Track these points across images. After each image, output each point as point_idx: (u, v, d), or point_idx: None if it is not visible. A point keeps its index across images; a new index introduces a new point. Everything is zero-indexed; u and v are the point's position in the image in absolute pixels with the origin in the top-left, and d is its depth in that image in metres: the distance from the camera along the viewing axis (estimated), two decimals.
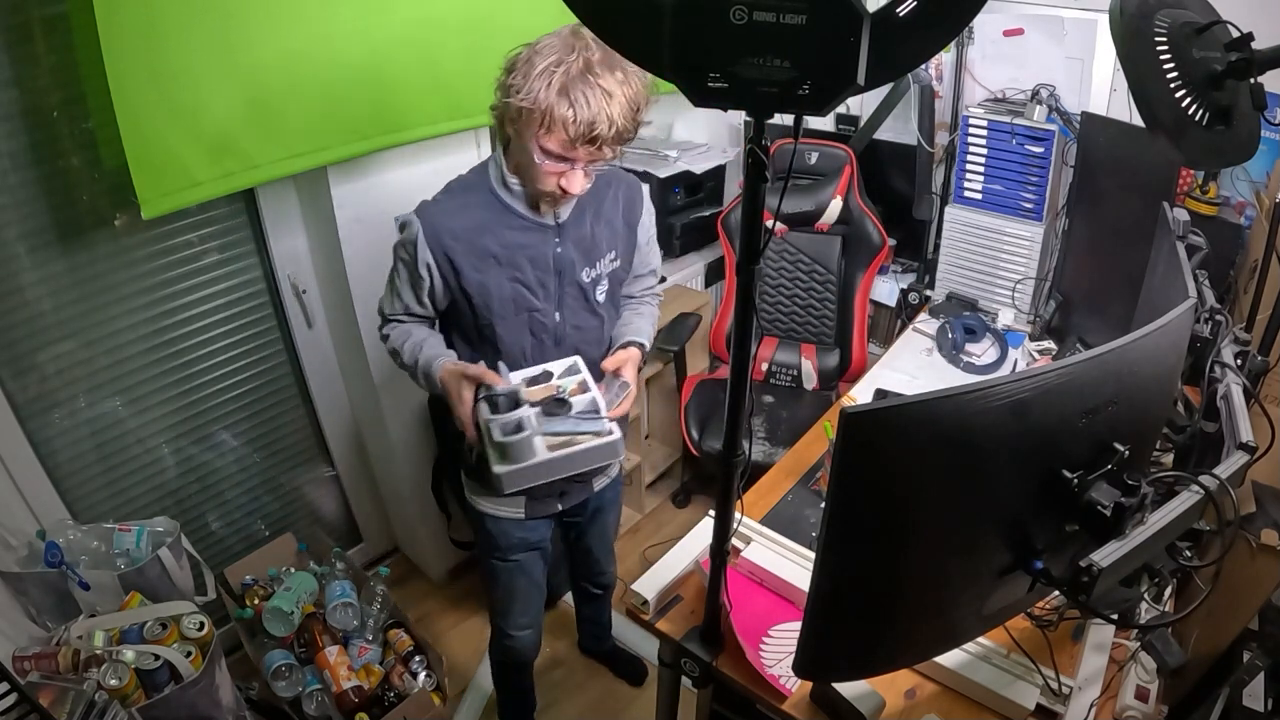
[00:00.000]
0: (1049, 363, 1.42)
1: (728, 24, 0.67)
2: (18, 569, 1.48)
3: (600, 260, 1.40)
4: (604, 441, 1.26)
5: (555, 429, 1.27)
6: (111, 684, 1.27)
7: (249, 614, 1.82)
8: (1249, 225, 1.89)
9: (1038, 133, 2.07)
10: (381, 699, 1.79)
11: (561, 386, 1.35)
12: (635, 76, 1.18)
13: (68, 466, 1.74)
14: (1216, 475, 0.90)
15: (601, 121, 1.15)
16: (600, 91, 1.14)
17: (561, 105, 1.14)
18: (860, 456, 0.73)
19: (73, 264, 1.62)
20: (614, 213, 1.42)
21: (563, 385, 1.36)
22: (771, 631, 1.26)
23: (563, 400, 1.30)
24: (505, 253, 1.31)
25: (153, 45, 1.43)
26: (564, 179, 1.23)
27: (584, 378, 1.37)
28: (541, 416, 1.28)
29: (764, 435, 2.34)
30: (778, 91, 0.69)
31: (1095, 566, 0.79)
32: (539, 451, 1.24)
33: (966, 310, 2.29)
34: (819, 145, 2.48)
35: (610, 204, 1.41)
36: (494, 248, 1.30)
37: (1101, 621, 1.15)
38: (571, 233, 1.35)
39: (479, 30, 1.91)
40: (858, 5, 0.67)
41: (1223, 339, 1.12)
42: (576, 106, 1.13)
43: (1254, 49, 0.96)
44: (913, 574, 0.85)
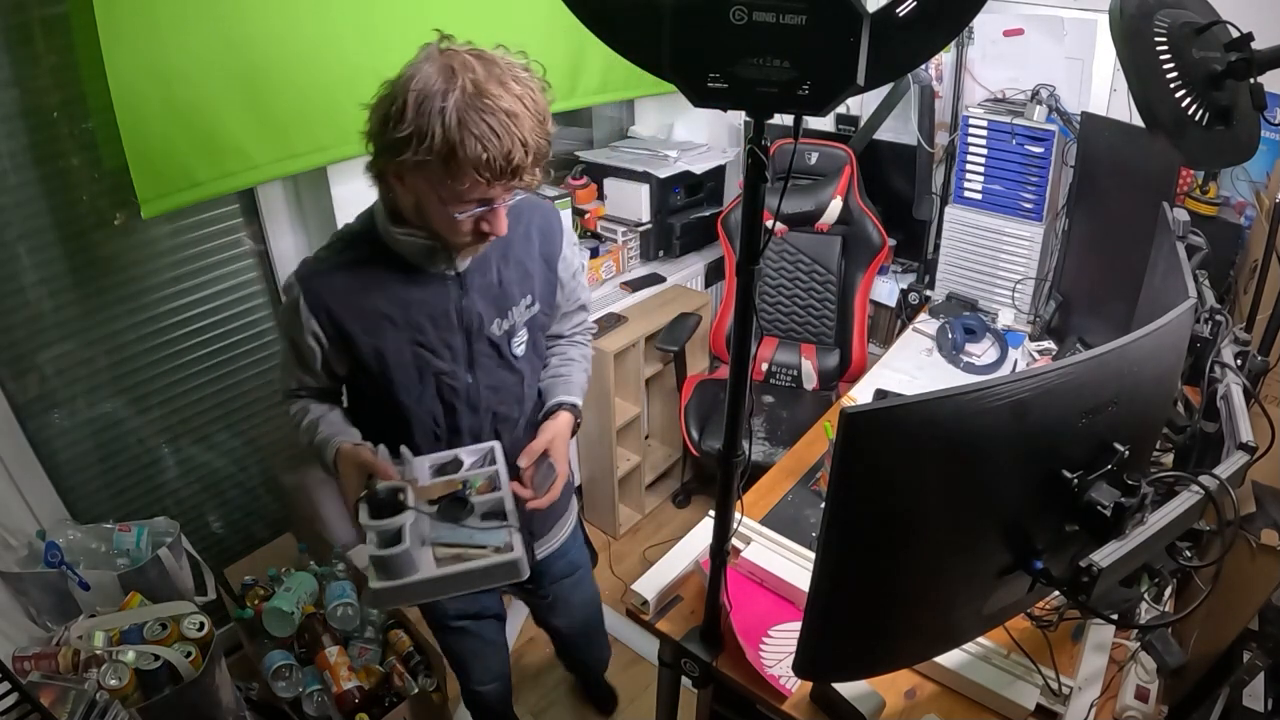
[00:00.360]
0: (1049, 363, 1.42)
1: (727, 24, 0.67)
2: (18, 569, 1.48)
3: (513, 309, 1.23)
4: (501, 560, 1.06)
5: (448, 539, 1.08)
6: (111, 684, 1.27)
7: (249, 614, 1.82)
8: (1249, 225, 1.89)
9: (1038, 133, 2.07)
10: (381, 699, 1.79)
11: (468, 481, 1.17)
12: (528, 81, 1.01)
13: (68, 466, 1.74)
14: (1216, 475, 0.90)
15: (516, 148, 0.98)
16: (503, 114, 0.96)
17: (467, 144, 0.95)
18: (860, 456, 0.73)
19: (73, 264, 1.62)
20: (527, 251, 1.24)
21: (470, 479, 1.17)
22: (771, 632, 1.26)
23: (463, 501, 1.11)
24: (400, 312, 1.14)
25: (153, 45, 1.43)
26: (485, 223, 1.07)
27: (497, 471, 1.18)
28: (436, 520, 1.09)
29: (764, 435, 2.34)
30: (777, 92, 0.69)
31: (1095, 567, 0.79)
32: (422, 566, 1.05)
33: (966, 310, 2.29)
34: (819, 145, 2.48)
35: (521, 242, 1.23)
36: (386, 307, 1.13)
37: (1101, 621, 1.15)
38: (475, 282, 1.18)
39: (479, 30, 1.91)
40: (857, 5, 0.67)
41: (1223, 339, 1.12)
42: (484, 140, 0.95)
43: (1254, 49, 0.96)
44: (913, 574, 0.85)
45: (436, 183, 1.01)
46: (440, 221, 1.06)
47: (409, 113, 0.95)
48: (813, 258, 2.49)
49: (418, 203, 1.06)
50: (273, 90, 1.61)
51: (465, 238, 1.09)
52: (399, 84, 0.98)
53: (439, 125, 0.94)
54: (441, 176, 0.99)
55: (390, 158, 1.00)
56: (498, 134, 0.96)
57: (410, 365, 1.17)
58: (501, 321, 1.22)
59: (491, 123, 0.95)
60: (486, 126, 0.95)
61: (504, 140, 0.96)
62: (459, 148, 0.95)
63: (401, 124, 0.96)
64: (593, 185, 2.68)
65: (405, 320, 1.14)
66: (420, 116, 0.95)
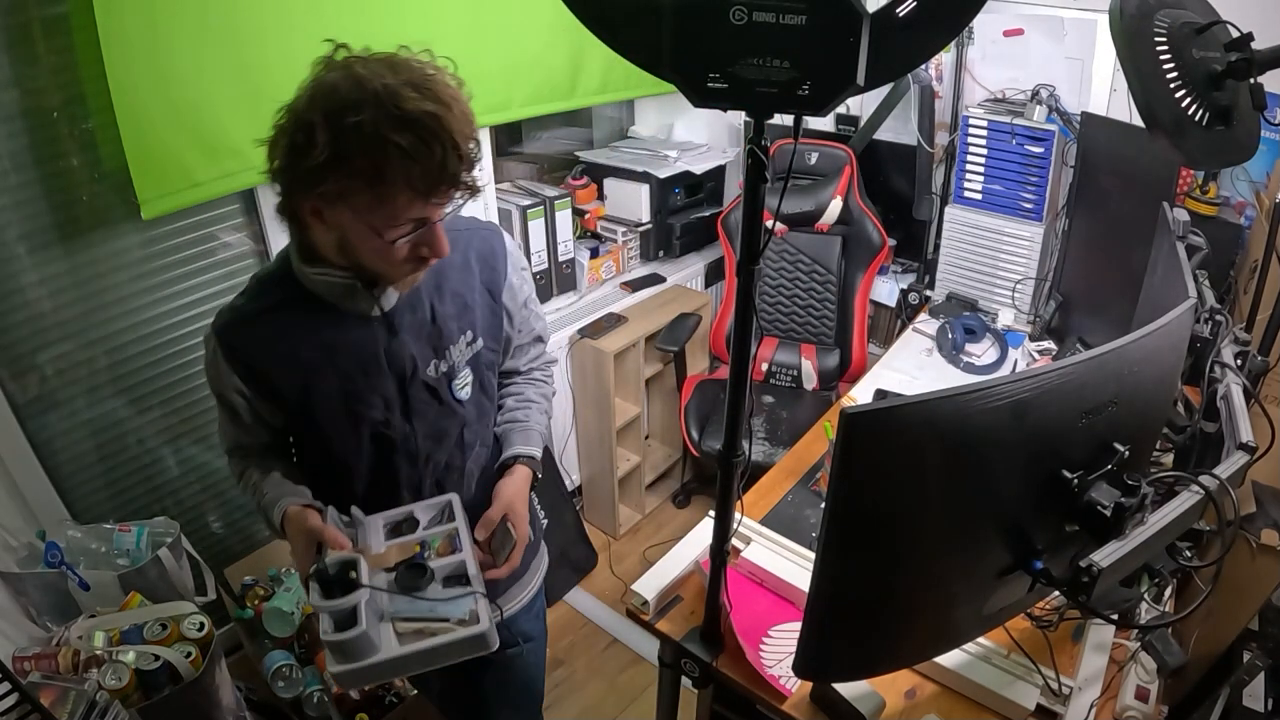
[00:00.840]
0: (1049, 363, 1.42)
1: (727, 24, 0.67)
2: (18, 569, 1.48)
3: (451, 348, 1.10)
4: (467, 634, 0.97)
5: (408, 613, 0.99)
6: (111, 684, 1.27)
7: (249, 614, 1.81)
8: (1249, 225, 1.89)
9: (1038, 133, 2.07)
10: (381, 700, 1.78)
11: (426, 542, 1.07)
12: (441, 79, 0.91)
13: (68, 466, 1.74)
14: (1216, 475, 0.90)
15: (448, 153, 0.87)
16: (426, 118, 0.85)
17: (394, 159, 0.84)
18: (860, 456, 0.73)
19: (73, 264, 1.62)
20: (465, 282, 1.11)
21: (429, 539, 1.08)
22: (771, 632, 1.26)
23: (421, 567, 1.01)
24: (324, 358, 1.03)
25: (153, 45, 1.43)
26: (425, 246, 0.95)
27: (456, 529, 1.09)
28: (393, 589, 1.00)
29: (764, 435, 2.34)
30: (777, 92, 0.70)
31: (1095, 567, 0.79)
32: (383, 645, 0.95)
33: (966, 310, 2.29)
34: (819, 145, 2.48)
35: (459, 271, 1.10)
36: (309, 355, 1.02)
37: (1101, 622, 1.15)
38: (405, 320, 1.05)
39: (479, 31, 1.91)
40: (857, 5, 0.67)
41: (1223, 339, 1.12)
42: (414, 151, 0.85)
43: (1254, 49, 0.96)
44: (913, 574, 0.85)
45: (365, 210, 0.89)
46: (373, 253, 0.94)
47: (320, 135, 0.84)
48: (813, 258, 2.49)
49: (342, 239, 0.94)
50: (273, 91, 1.59)
51: (404, 267, 0.97)
52: (301, 106, 0.87)
53: (358, 142, 0.83)
54: (370, 202, 0.88)
55: (307, 192, 0.89)
56: (424, 141, 0.85)
57: (341, 415, 1.06)
58: (438, 363, 1.10)
59: (417, 129, 0.85)
60: (411, 135, 0.85)
61: (432, 147, 0.86)
62: (387, 164, 0.85)
63: (314, 150, 0.84)
64: (593, 185, 2.68)
65: (331, 367, 1.03)
66: (335, 137, 0.84)
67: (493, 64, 1.98)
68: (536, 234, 2.37)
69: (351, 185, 0.87)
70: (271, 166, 0.92)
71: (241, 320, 1.03)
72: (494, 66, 1.99)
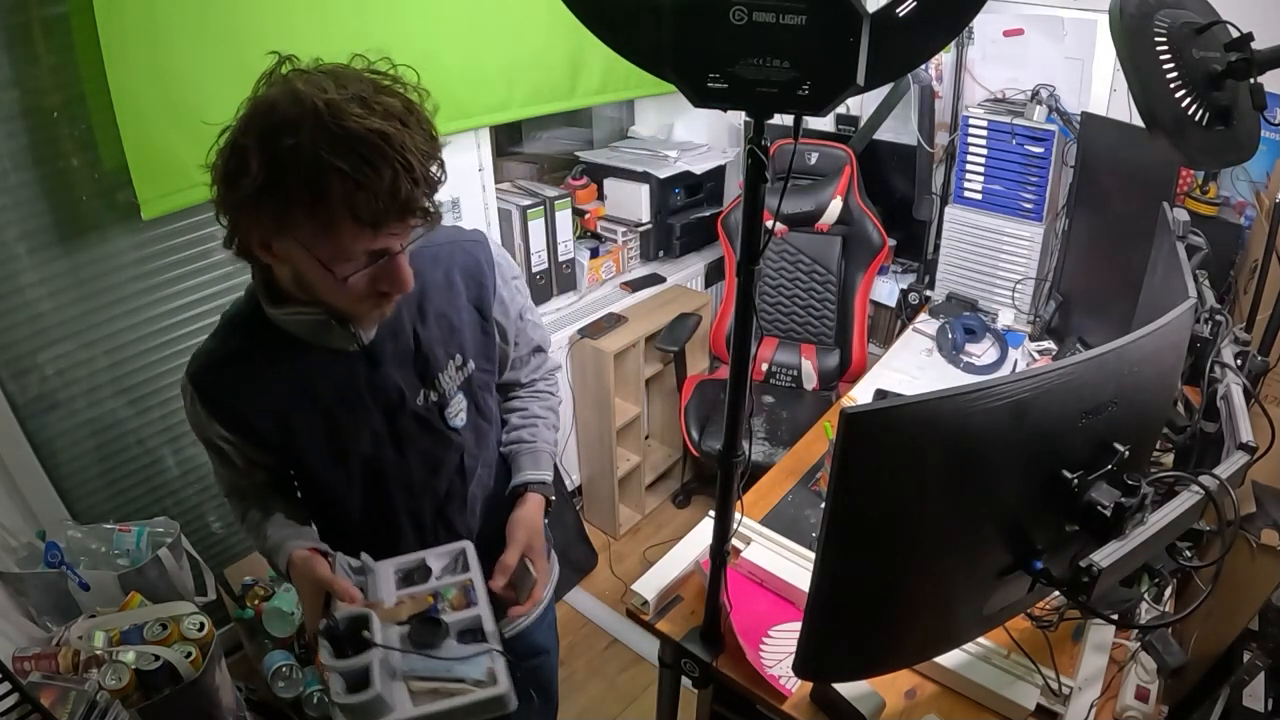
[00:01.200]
0: (1049, 363, 1.42)
1: (727, 24, 0.67)
2: (18, 569, 1.48)
3: (440, 375, 1.03)
4: (485, 696, 0.91)
5: (422, 671, 0.93)
6: (111, 684, 1.27)
7: (249, 615, 1.81)
8: (1249, 225, 1.89)
9: (1038, 133, 2.07)
10: None
11: (440, 593, 1.01)
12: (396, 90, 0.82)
13: (68, 467, 1.74)
14: (1216, 475, 0.90)
15: (400, 176, 0.77)
16: (373, 135, 0.76)
17: (333, 184, 0.75)
18: (860, 457, 0.73)
19: (73, 264, 1.62)
20: (450, 301, 1.02)
21: (442, 591, 1.02)
22: (771, 632, 1.26)
23: (436, 621, 0.96)
24: (304, 397, 0.97)
25: (153, 46, 1.43)
26: (384, 281, 0.86)
27: (470, 579, 1.03)
28: (407, 646, 0.94)
29: (764, 435, 2.34)
30: (777, 92, 0.70)
31: (1095, 567, 0.79)
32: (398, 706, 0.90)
33: (966, 310, 2.29)
34: (819, 145, 2.48)
35: (441, 291, 1.02)
36: (289, 395, 0.96)
37: (1101, 622, 1.15)
38: (387, 351, 0.98)
39: (479, 31, 1.91)
40: (857, 5, 0.67)
41: (1223, 339, 1.12)
42: (356, 174, 0.75)
43: (1254, 49, 0.96)
44: (913, 574, 0.85)
45: (309, 242, 0.80)
46: (327, 290, 0.86)
47: (254, 160, 0.75)
48: (813, 258, 2.49)
49: (295, 273, 0.87)
50: None
51: (363, 304, 0.89)
52: (237, 128, 0.79)
53: (295, 170, 0.74)
54: (313, 233, 0.79)
55: (246, 221, 0.81)
56: (370, 162, 0.75)
57: (327, 452, 1.00)
58: (427, 392, 1.02)
59: (361, 150, 0.75)
60: (354, 157, 0.75)
61: (381, 169, 0.76)
62: (325, 191, 0.75)
63: (246, 175, 0.76)
64: (593, 185, 2.68)
65: (311, 405, 0.97)
66: (269, 162, 0.75)
67: (492, 64, 1.98)
68: (536, 234, 2.37)
69: (290, 215, 0.78)
70: (214, 195, 0.83)
71: (214, 364, 0.96)
72: (494, 66, 1.99)
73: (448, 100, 1.83)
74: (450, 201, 2.09)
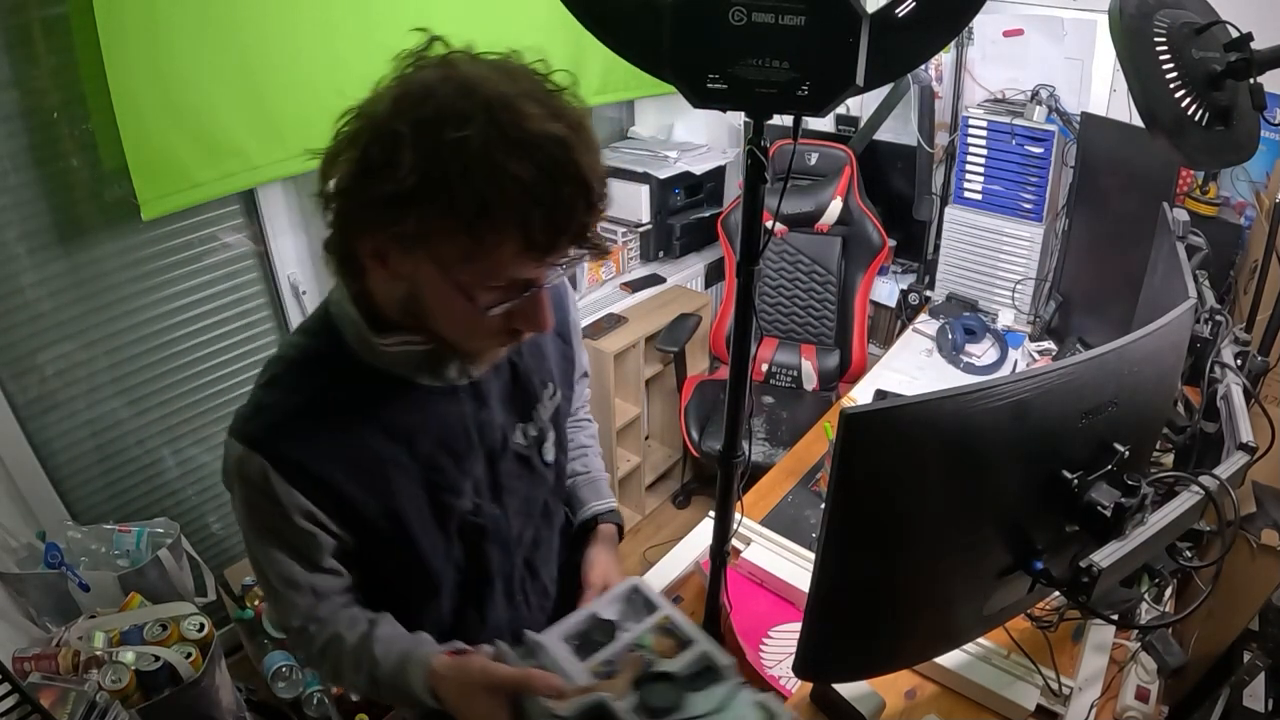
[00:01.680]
0: (1049, 363, 1.42)
1: (727, 25, 0.67)
2: (18, 570, 1.48)
3: (538, 407, 0.91)
4: None
5: None
6: (111, 685, 1.27)
7: (249, 615, 1.81)
8: (1249, 225, 1.89)
9: (1037, 133, 2.07)
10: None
11: (640, 647, 0.83)
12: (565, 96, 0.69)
13: (68, 467, 1.74)
14: (1216, 475, 0.90)
15: (577, 196, 0.64)
16: (552, 145, 0.62)
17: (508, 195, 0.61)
18: (860, 457, 0.73)
19: (73, 264, 1.62)
20: None
21: (640, 642, 0.84)
22: (771, 632, 1.26)
23: (664, 677, 0.78)
24: (404, 448, 0.79)
25: (153, 46, 1.44)
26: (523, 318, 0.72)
27: (668, 617, 0.85)
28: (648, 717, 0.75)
29: (764, 436, 2.34)
30: (776, 92, 0.70)
31: (1095, 567, 0.79)
32: None
33: (966, 311, 2.29)
34: (819, 146, 2.48)
35: None
36: (384, 447, 0.78)
37: (1102, 622, 1.15)
38: (491, 385, 0.85)
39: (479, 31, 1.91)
40: (856, 6, 0.67)
41: (1223, 339, 1.12)
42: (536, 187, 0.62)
43: (1253, 49, 0.96)
44: (913, 575, 0.85)
45: (451, 260, 0.66)
46: (453, 319, 0.72)
47: (406, 153, 0.61)
48: (813, 258, 2.49)
49: (411, 295, 0.71)
50: (272, 91, 1.61)
51: (489, 340, 0.76)
52: (381, 110, 0.64)
53: (460, 167, 0.60)
54: (464, 251, 0.64)
55: (376, 227, 0.66)
56: (550, 175, 0.62)
57: (429, 517, 0.82)
58: (526, 427, 0.89)
59: (541, 159, 0.61)
60: (534, 166, 0.61)
61: (561, 184, 0.62)
62: (496, 202, 0.61)
63: (395, 171, 0.61)
64: None
65: (413, 458, 0.79)
66: (427, 157, 0.61)
67: None
68: None
69: (442, 226, 0.63)
70: (325, 188, 0.68)
71: (285, 420, 0.75)
72: None
73: None
74: None
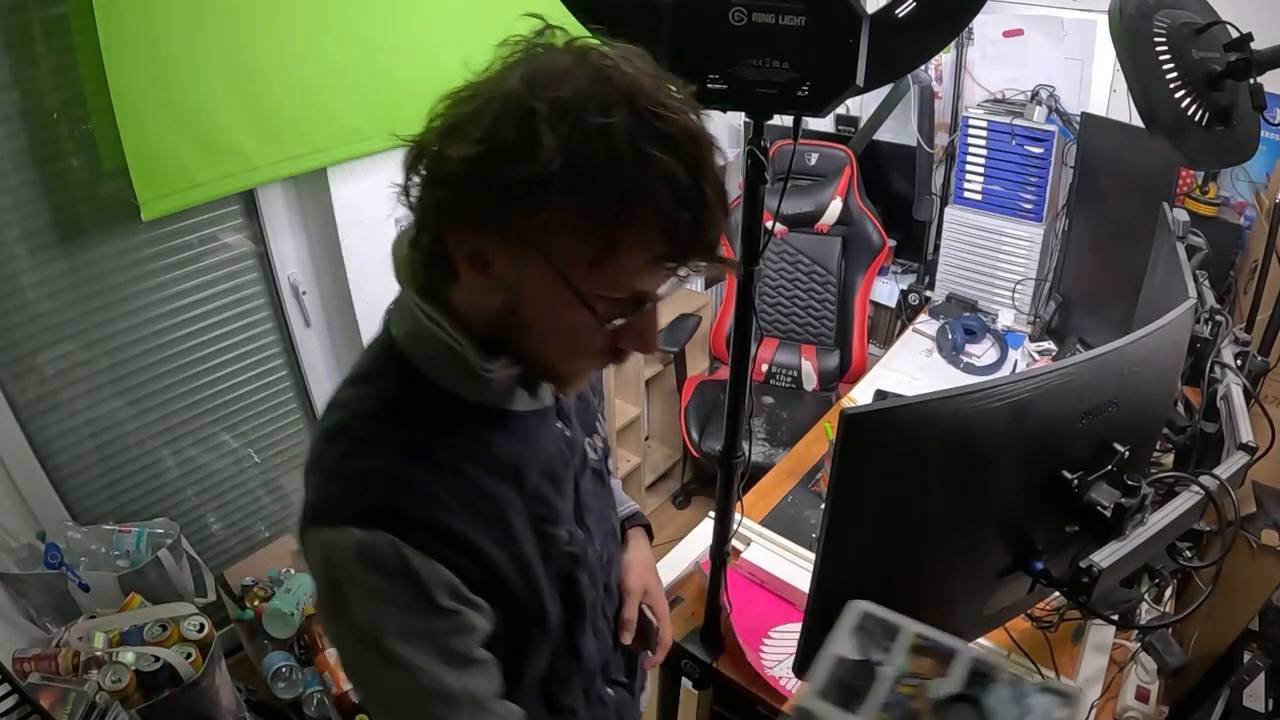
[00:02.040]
0: (1049, 363, 1.42)
1: (727, 25, 0.67)
2: (18, 570, 1.48)
3: (598, 416, 0.86)
4: None
5: None
6: (111, 685, 1.27)
7: (249, 615, 1.81)
8: (1249, 225, 1.89)
9: (1037, 133, 2.07)
10: None
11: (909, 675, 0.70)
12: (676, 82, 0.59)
13: (68, 468, 1.74)
14: (1216, 476, 0.90)
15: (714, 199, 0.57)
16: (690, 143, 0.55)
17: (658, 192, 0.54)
18: (860, 457, 0.73)
19: (73, 265, 1.62)
20: None
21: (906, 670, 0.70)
22: (772, 633, 1.26)
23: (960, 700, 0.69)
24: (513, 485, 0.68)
25: (152, 46, 1.43)
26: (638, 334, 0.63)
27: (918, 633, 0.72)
28: None
29: (764, 436, 2.34)
30: (777, 93, 0.70)
31: (1095, 567, 0.79)
32: None
33: (966, 311, 2.29)
34: (819, 146, 2.48)
35: None
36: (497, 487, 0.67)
37: (1102, 622, 1.15)
38: (572, 401, 0.78)
39: (479, 32, 1.91)
40: (856, 6, 0.67)
41: (1223, 339, 1.12)
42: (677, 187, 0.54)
43: (1253, 49, 0.96)
44: (913, 575, 0.85)
45: (575, 264, 0.57)
46: (562, 335, 0.62)
47: (547, 133, 0.52)
48: (813, 258, 2.49)
49: (510, 306, 0.61)
50: (272, 91, 1.61)
51: (591, 364, 0.69)
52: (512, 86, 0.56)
53: (607, 156, 0.53)
54: (593, 253, 0.56)
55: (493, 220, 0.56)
56: (694, 174, 0.55)
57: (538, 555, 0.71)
58: (594, 440, 0.83)
59: (684, 155, 0.54)
60: (680, 162, 0.54)
61: (703, 184, 0.55)
62: (642, 198, 0.54)
63: (536, 152, 0.52)
64: None
65: (520, 493, 0.69)
66: (569, 140, 0.52)
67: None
68: None
69: (578, 220, 0.55)
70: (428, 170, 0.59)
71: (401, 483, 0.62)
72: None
73: None
74: None
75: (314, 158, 1.71)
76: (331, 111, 1.68)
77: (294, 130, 1.66)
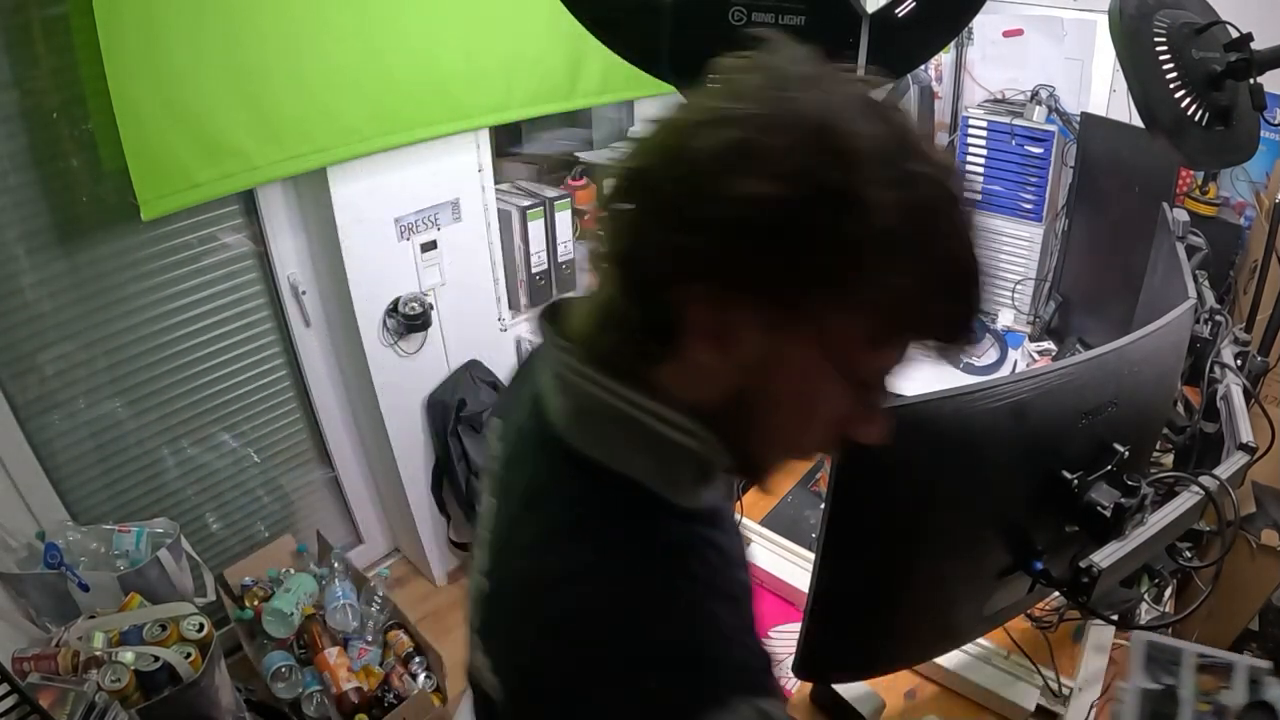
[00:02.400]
0: (1049, 363, 1.42)
1: (727, 25, 0.67)
2: (17, 570, 1.48)
3: None
4: None
5: None
6: (111, 685, 1.27)
7: (249, 615, 1.81)
8: (1249, 225, 1.89)
9: (1037, 133, 2.07)
10: (381, 700, 1.78)
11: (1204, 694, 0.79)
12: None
13: (67, 468, 1.74)
14: (1216, 476, 0.90)
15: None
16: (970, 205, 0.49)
17: (959, 258, 0.47)
18: (860, 457, 0.73)
19: (73, 265, 1.62)
20: None
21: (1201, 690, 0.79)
22: (771, 633, 1.26)
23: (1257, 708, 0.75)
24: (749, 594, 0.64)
25: (153, 46, 1.43)
26: (876, 425, 0.53)
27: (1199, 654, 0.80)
28: None
29: None
30: None
31: (1095, 567, 0.79)
32: None
33: None
34: None
35: None
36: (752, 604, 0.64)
37: (1101, 622, 1.15)
38: None
39: (478, 32, 1.91)
40: (856, 6, 0.67)
41: (1223, 339, 1.12)
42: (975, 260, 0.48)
43: (1253, 49, 0.96)
44: (913, 575, 0.85)
45: (852, 344, 0.46)
46: (800, 425, 0.52)
47: (873, 188, 0.42)
48: None
49: (747, 387, 0.48)
50: (272, 91, 1.61)
51: (811, 455, 0.65)
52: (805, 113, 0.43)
53: (922, 218, 0.43)
54: (878, 328, 0.46)
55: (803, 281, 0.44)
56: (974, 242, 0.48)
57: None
58: None
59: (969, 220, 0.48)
60: (970, 229, 0.48)
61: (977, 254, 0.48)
62: (950, 269, 0.46)
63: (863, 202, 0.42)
64: (593, 186, 2.68)
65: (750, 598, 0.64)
66: (905, 194, 0.42)
67: (492, 64, 1.98)
68: (536, 235, 2.37)
69: (883, 290, 0.44)
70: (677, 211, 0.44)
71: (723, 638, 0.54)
72: (493, 67, 1.99)
73: (447, 101, 1.83)
74: (450, 203, 2.09)
75: (314, 158, 1.71)
76: (331, 111, 1.68)
77: (294, 130, 1.65)
